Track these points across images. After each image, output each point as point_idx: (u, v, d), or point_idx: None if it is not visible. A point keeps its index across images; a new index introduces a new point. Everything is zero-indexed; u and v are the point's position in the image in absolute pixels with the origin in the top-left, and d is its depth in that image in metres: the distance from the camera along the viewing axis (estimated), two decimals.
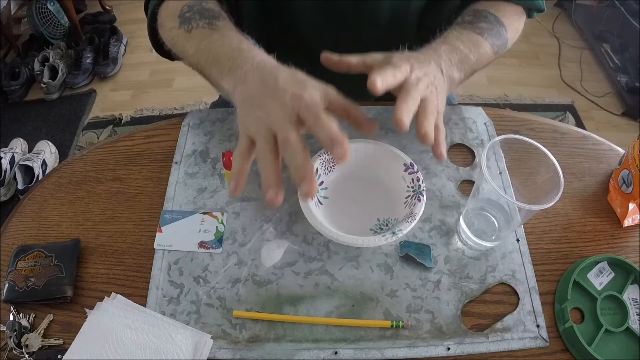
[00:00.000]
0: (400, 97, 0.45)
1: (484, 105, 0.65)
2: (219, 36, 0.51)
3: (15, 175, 1.48)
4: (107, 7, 2.12)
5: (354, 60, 0.52)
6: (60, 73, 1.80)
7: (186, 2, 0.55)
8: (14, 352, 0.46)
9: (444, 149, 0.47)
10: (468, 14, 0.59)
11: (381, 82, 0.44)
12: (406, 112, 0.44)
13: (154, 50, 0.63)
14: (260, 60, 0.47)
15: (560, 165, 0.45)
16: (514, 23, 0.61)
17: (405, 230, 0.48)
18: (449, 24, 0.59)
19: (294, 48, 0.58)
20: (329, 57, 0.53)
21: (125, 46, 1.99)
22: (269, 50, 0.49)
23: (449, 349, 0.46)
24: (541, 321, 0.48)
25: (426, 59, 0.50)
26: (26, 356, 0.46)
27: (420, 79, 0.47)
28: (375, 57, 0.51)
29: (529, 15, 0.65)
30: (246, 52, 0.48)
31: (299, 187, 0.41)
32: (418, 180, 0.52)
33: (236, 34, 0.51)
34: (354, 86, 0.55)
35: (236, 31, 0.52)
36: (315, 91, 0.44)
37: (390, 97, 0.77)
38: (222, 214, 0.55)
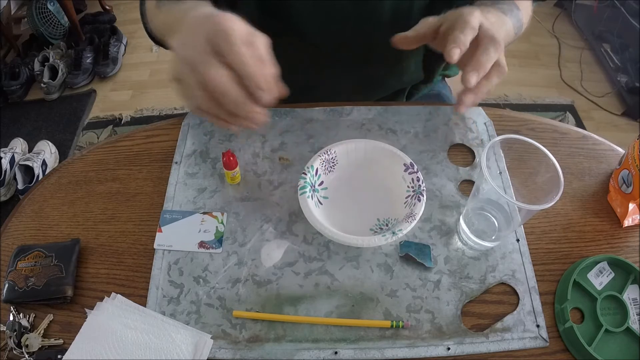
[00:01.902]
0: (482, 47, 0.45)
1: (484, 105, 0.64)
2: (178, 3, 0.49)
3: (15, 175, 1.48)
4: (107, 7, 2.12)
5: (412, 34, 0.50)
6: (60, 73, 1.80)
7: None
8: (14, 352, 0.46)
9: (475, 99, 0.48)
10: None
11: (457, 52, 0.44)
12: (482, 64, 0.45)
13: (154, 50, 0.63)
14: (200, 12, 0.43)
15: (560, 165, 0.45)
16: (527, 8, 0.61)
17: (405, 230, 0.48)
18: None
19: (295, 48, 0.58)
20: (399, 38, 0.51)
21: (125, 46, 1.99)
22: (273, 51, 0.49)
23: (449, 349, 0.46)
24: (541, 321, 0.48)
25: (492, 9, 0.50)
26: (26, 356, 0.46)
27: (493, 23, 0.47)
28: (429, 21, 0.50)
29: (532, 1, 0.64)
30: (193, 10, 0.44)
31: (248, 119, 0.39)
32: (418, 180, 0.52)
33: (199, 2, 0.49)
34: (355, 85, 0.55)
35: (204, 3, 0.50)
36: (231, 19, 0.39)
37: (391, 98, 0.77)
38: (222, 214, 0.55)
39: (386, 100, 0.76)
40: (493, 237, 0.51)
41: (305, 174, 0.52)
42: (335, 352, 0.45)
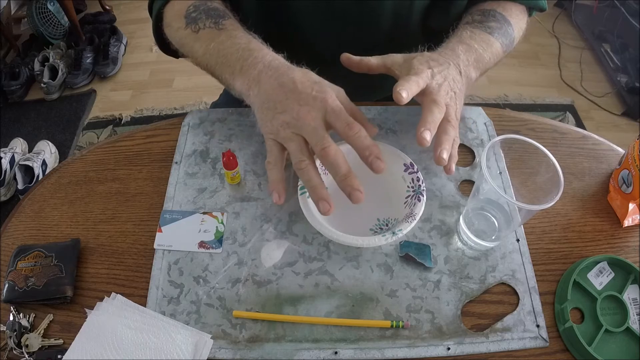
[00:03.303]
0: (426, 108, 0.47)
1: (484, 105, 0.65)
2: (226, 37, 0.51)
3: (15, 175, 1.48)
4: (107, 7, 2.12)
5: (374, 61, 0.53)
6: (60, 73, 1.80)
7: (192, 2, 0.55)
8: (14, 352, 0.46)
9: (453, 163, 0.48)
10: (477, 14, 0.59)
11: (406, 94, 0.46)
12: (432, 125, 0.46)
13: (154, 50, 0.63)
14: (272, 60, 0.47)
15: (560, 165, 0.45)
16: (519, 22, 0.62)
17: (405, 230, 0.48)
18: (457, 24, 0.59)
19: (295, 48, 0.58)
20: (350, 58, 0.54)
21: (125, 46, 1.99)
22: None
23: (449, 349, 0.46)
24: (541, 321, 0.48)
25: (445, 61, 0.51)
26: (26, 356, 0.46)
27: (441, 84, 0.48)
28: (395, 58, 0.52)
29: (529, 14, 0.65)
30: (256, 51, 0.48)
31: (349, 194, 0.43)
32: (418, 180, 0.52)
33: (244, 33, 0.52)
34: (355, 86, 0.55)
35: (243, 30, 0.52)
36: (333, 93, 0.45)
37: (390, 97, 0.77)
38: (222, 214, 0.55)
39: (386, 100, 0.76)
40: (493, 237, 0.51)
41: None
42: (335, 352, 0.45)
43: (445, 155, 0.46)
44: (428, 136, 0.45)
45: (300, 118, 0.43)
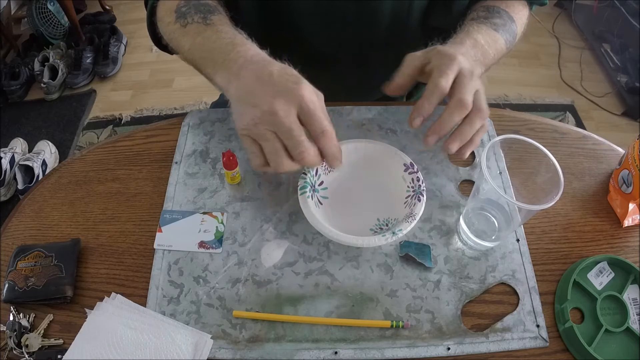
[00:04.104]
0: (446, 111, 0.47)
1: None
2: (212, 31, 0.51)
3: (15, 175, 1.48)
4: (107, 7, 2.12)
5: (401, 80, 0.52)
6: (60, 73, 1.80)
7: None
8: (14, 352, 0.46)
9: (470, 150, 0.49)
10: (481, 10, 0.59)
11: (419, 121, 0.47)
12: (443, 128, 0.47)
13: (154, 50, 0.63)
14: (254, 54, 0.47)
15: (560, 165, 0.45)
16: (522, 17, 0.62)
17: (405, 230, 0.48)
18: (463, 20, 0.59)
19: (295, 48, 0.58)
20: (390, 86, 0.53)
21: (125, 46, 1.99)
22: (272, 52, 0.49)
23: (449, 349, 0.46)
24: (541, 321, 0.48)
25: (466, 53, 0.51)
26: (26, 356, 0.46)
27: (472, 71, 0.48)
28: (415, 62, 0.51)
29: (530, 7, 0.65)
30: (239, 46, 0.48)
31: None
32: (418, 180, 0.52)
33: (230, 29, 0.51)
34: (354, 86, 0.55)
35: (230, 26, 0.52)
36: (312, 92, 0.44)
37: (390, 97, 0.77)
38: (222, 214, 0.55)
39: (386, 100, 0.76)
40: (493, 237, 0.51)
41: (305, 174, 0.52)
42: (335, 352, 0.45)
43: (454, 149, 0.47)
44: (433, 140, 0.46)
45: (273, 113, 0.42)
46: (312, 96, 0.43)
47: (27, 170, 1.49)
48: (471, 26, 0.56)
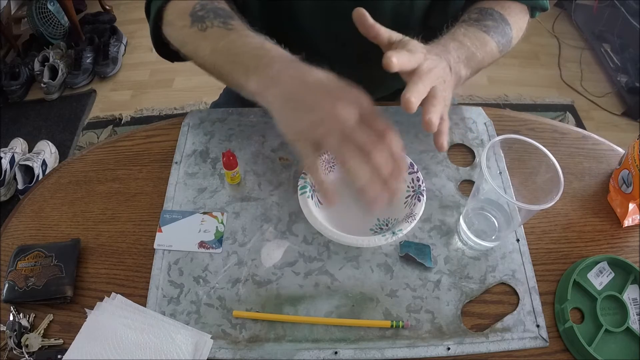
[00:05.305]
0: (412, 80, 0.45)
1: (484, 105, 0.65)
2: (237, 36, 0.50)
3: (15, 175, 1.48)
4: (107, 7, 2.12)
5: (383, 31, 0.50)
6: (60, 73, 1.80)
7: (197, 0, 0.55)
8: (14, 352, 0.46)
9: (445, 140, 0.47)
10: (474, 12, 0.59)
11: (396, 59, 0.44)
12: (416, 93, 0.44)
13: (154, 50, 0.62)
14: (292, 59, 0.46)
15: (560, 165, 0.45)
16: (519, 22, 0.61)
17: (405, 230, 0.48)
18: (454, 22, 0.59)
19: (296, 47, 0.58)
20: (364, 16, 0.50)
21: (125, 46, 1.99)
22: None
23: (449, 349, 0.46)
24: (541, 321, 0.48)
25: (436, 55, 0.50)
26: (26, 356, 0.46)
27: (432, 69, 0.47)
28: (396, 36, 0.50)
29: (532, 14, 0.65)
30: (272, 51, 0.47)
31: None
32: (418, 180, 0.52)
33: (255, 34, 0.51)
34: (354, 85, 0.55)
35: (253, 31, 0.52)
36: (364, 94, 0.43)
37: (390, 98, 0.77)
38: (222, 214, 0.55)
39: (386, 100, 0.76)
40: (493, 237, 0.51)
41: (305, 174, 0.52)
42: (335, 352, 0.45)
43: (435, 119, 0.44)
44: (413, 99, 0.43)
45: (335, 115, 0.41)
46: (367, 98, 0.43)
47: (27, 170, 1.49)
48: (459, 28, 0.56)
